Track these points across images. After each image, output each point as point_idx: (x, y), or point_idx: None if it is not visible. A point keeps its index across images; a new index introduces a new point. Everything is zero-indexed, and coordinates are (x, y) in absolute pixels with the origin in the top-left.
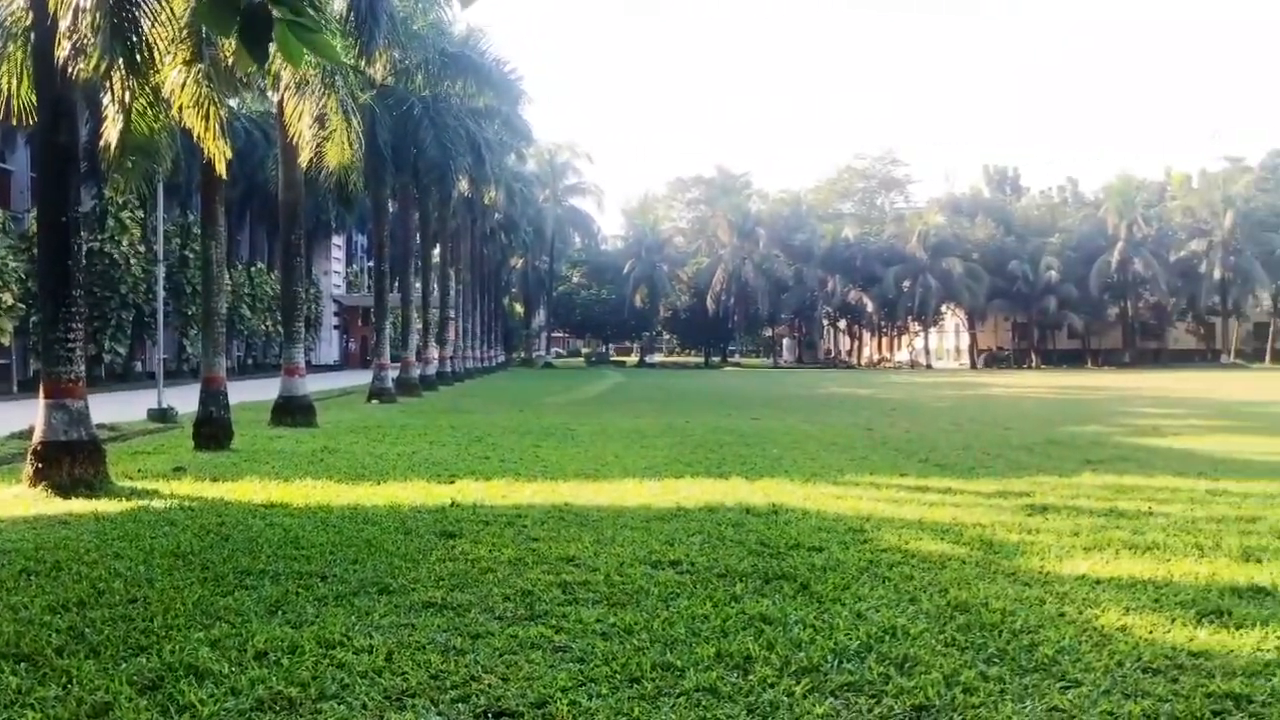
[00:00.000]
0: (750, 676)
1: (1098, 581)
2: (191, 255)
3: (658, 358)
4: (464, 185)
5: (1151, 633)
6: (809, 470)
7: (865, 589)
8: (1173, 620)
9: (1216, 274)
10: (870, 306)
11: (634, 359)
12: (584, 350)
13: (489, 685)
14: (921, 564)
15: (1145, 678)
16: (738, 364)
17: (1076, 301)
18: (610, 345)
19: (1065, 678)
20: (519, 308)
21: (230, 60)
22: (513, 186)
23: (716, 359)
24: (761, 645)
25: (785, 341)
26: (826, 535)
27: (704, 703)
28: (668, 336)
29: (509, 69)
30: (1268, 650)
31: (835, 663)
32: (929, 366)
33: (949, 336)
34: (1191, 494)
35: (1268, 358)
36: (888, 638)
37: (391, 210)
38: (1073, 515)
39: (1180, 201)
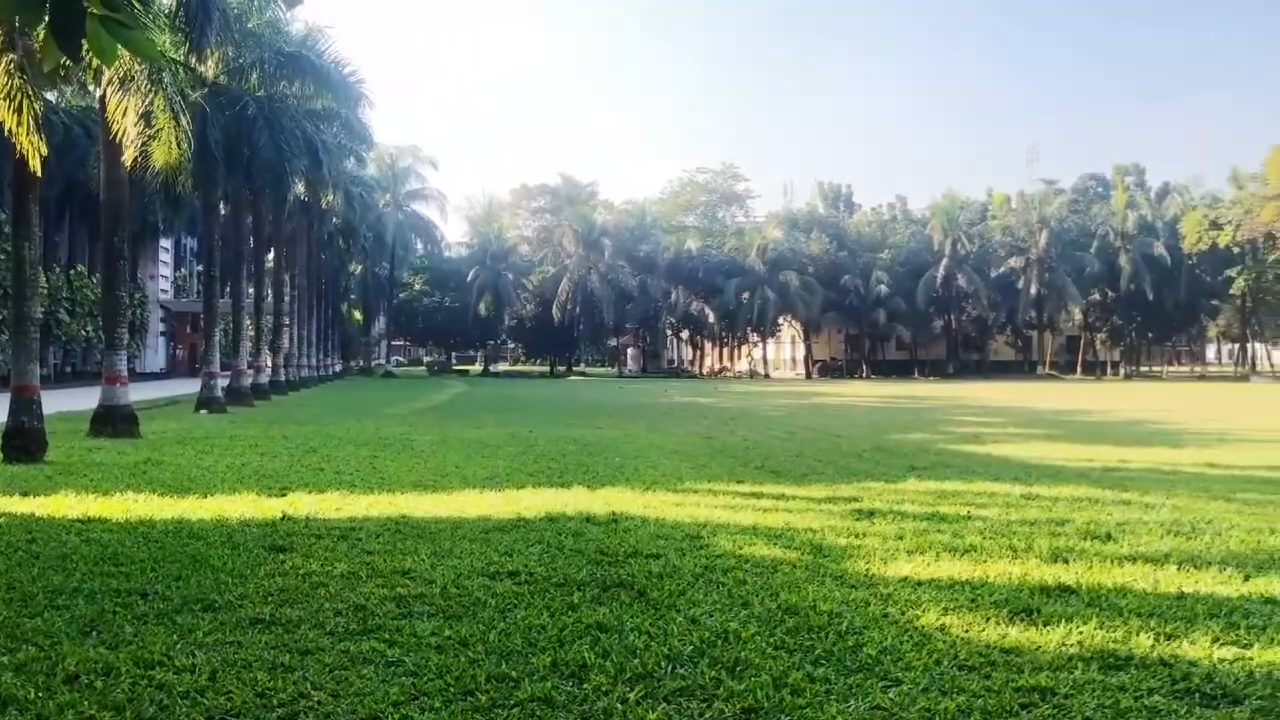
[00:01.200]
0: (585, 685)
1: (919, 583)
2: (2, 256)
3: (502, 366)
4: (301, 188)
5: (968, 631)
6: (650, 478)
7: (700, 594)
8: (987, 619)
9: (1033, 289)
10: (712, 317)
11: (478, 368)
12: (426, 359)
13: (318, 702)
14: (755, 568)
15: (961, 675)
16: (583, 373)
17: (905, 314)
18: (454, 354)
19: (887, 677)
20: (358, 315)
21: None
22: (352, 191)
23: (562, 368)
24: (597, 653)
25: (630, 350)
26: (665, 542)
27: (538, 713)
28: (513, 345)
29: (349, 71)
30: (1071, 646)
31: (669, 668)
32: (767, 376)
33: (786, 347)
34: (1007, 498)
35: (1078, 369)
36: (720, 642)
37: (224, 213)
38: (898, 519)
39: (1000, 221)
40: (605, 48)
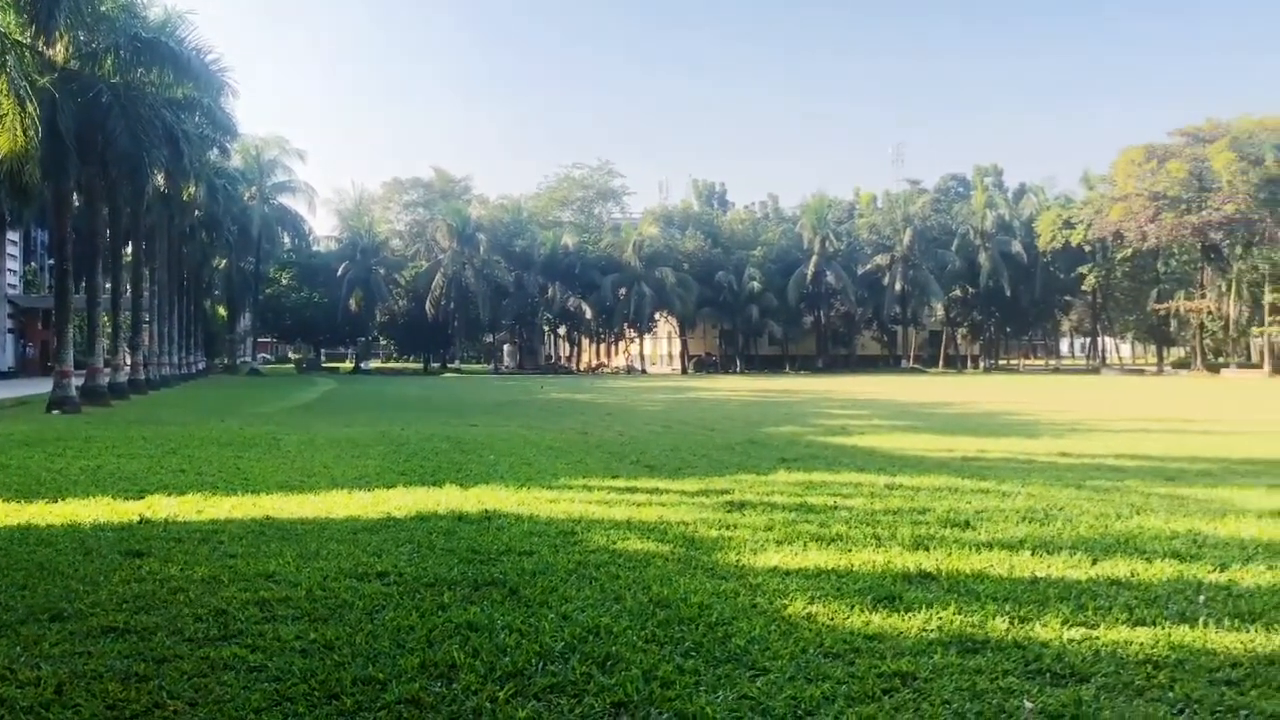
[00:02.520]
0: (455, 685)
1: (788, 572)
2: None
3: (374, 364)
4: (160, 180)
5: (833, 619)
6: (524, 475)
7: (573, 590)
8: (852, 607)
9: (898, 286)
10: (589, 313)
11: (349, 365)
12: (294, 356)
13: (174, 712)
14: (628, 563)
15: (826, 662)
16: (458, 370)
17: (776, 310)
18: (323, 351)
19: (755, 666)
20: (223, 311)
21: None
22: (215, 183)
23: (436, 365)
24: (467, 653)
25: (506, 347)
26: (538, 539)
27: (406, 715)
28: (385, 342)
29: (212, 59)
30: (931, 631)
31: (540, 665)
32: (644, 372)
33: (662, 343)
34: (872, 488)
35: (941, 363)
36: (591, 637)
37: (77, 204)
38: (768, 511)
39: (867, 219)
40: (479, 40)
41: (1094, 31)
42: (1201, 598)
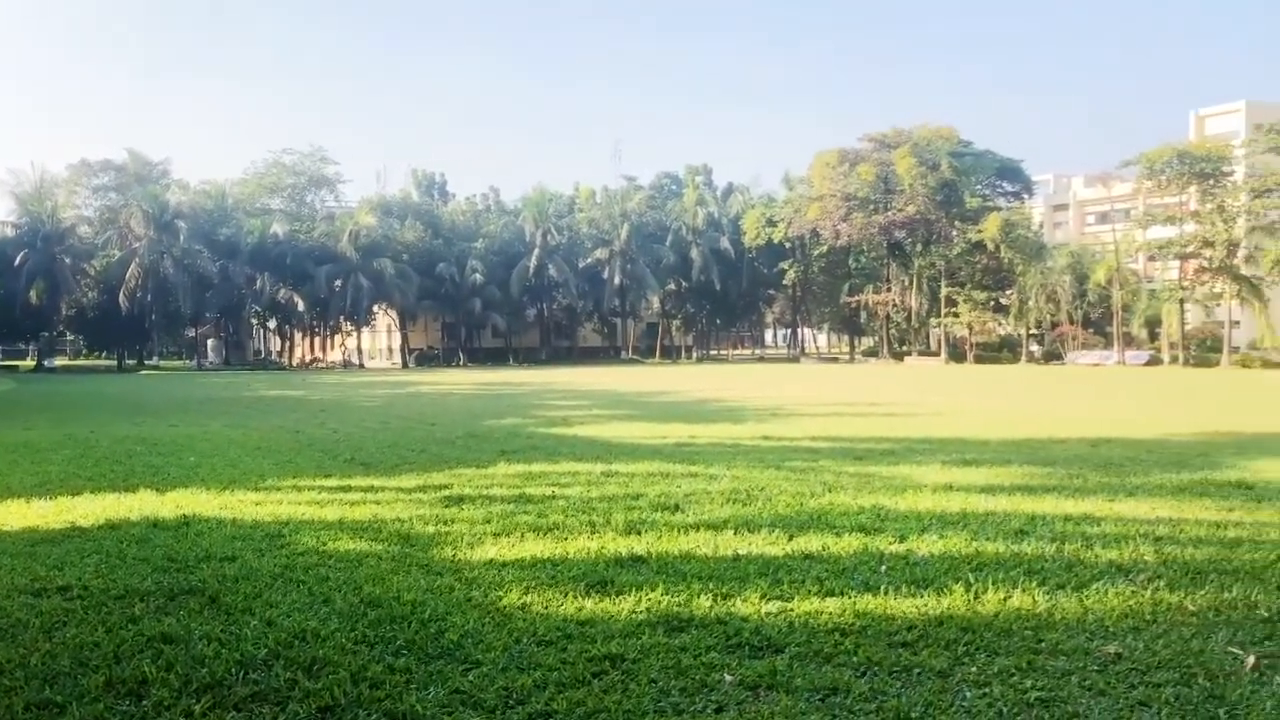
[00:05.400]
0: (145, 702)
1: (504, 564)
2: None
3: (60, 361)
4: None
5: (547, 607)
6: (228, 477)
7: (278, 595)
8: (566, 594)
9: (617, 280)
10: (302, 305)
11: (30, 363)
12: None
13: None
14: (338, 564)
15: (539, 650)
16: (157, 367)
17: (499, 303)
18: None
19: (468, 660)
20: None
21: None
22: None
23: (132, 362)
24: (160, 666)
25: (211, 342)
26: (242, 544)
27: None
28: (73, 338)
29: None
30: (640, 612)
31: (240, 674)
32: (362, 366)
33: (382, 336)
34: (589, 476)
35: (657, 353)
36: (297, 642)
37: None
38: (486, 504)
39: (586, 214)
40: (178, 16)
41: (797, 38)
42: (883, 567)
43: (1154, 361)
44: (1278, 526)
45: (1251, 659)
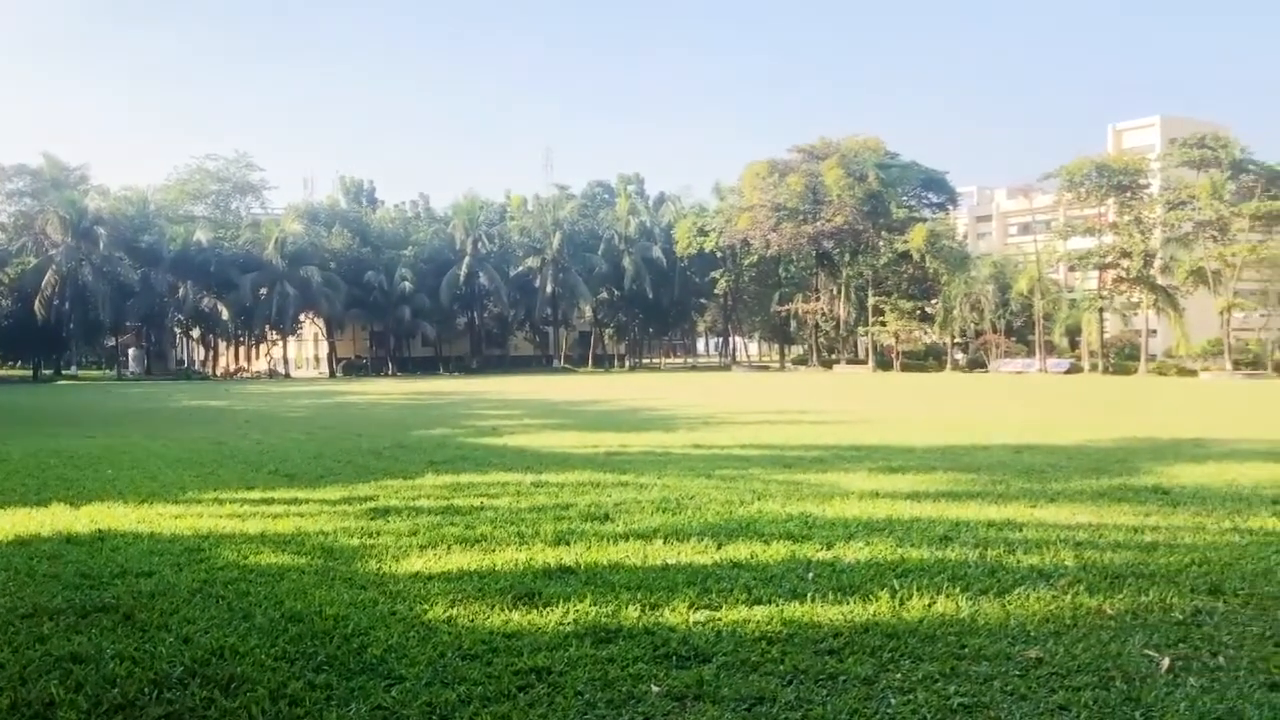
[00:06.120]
0: None
1: (430, 577)
2: None
3: None
4: None
5: (473, 620)
6: (147, 490)
7: (196, 611)
8: (493, 606)
9: (549, 288)
10: (226, 314)
11: None
12: None
13: None
14: (260, 578)
15: (464, 664)
16: (75, 377)
17: (429, 311)
18: None
19: (391, 675)
20: None
21: None
22: None
23: (49, 372)
24: (68, 687)
25: (132, 352)
26: (159, 559)
27: None
28: None
29: None
30: (568, 624)
31: (154, 694)
32: (288, 376)
33: (309, 345)
34: (519, 487)
35: (590, 362)
36: (215, 659)
37: None
38: (413, 516)
39: (518, 222)
40: (97, 15)
41: (726, 49)
42: (810, 575)
43: (1074, 369)
44: (1192, 530)
45: (1166, 661)
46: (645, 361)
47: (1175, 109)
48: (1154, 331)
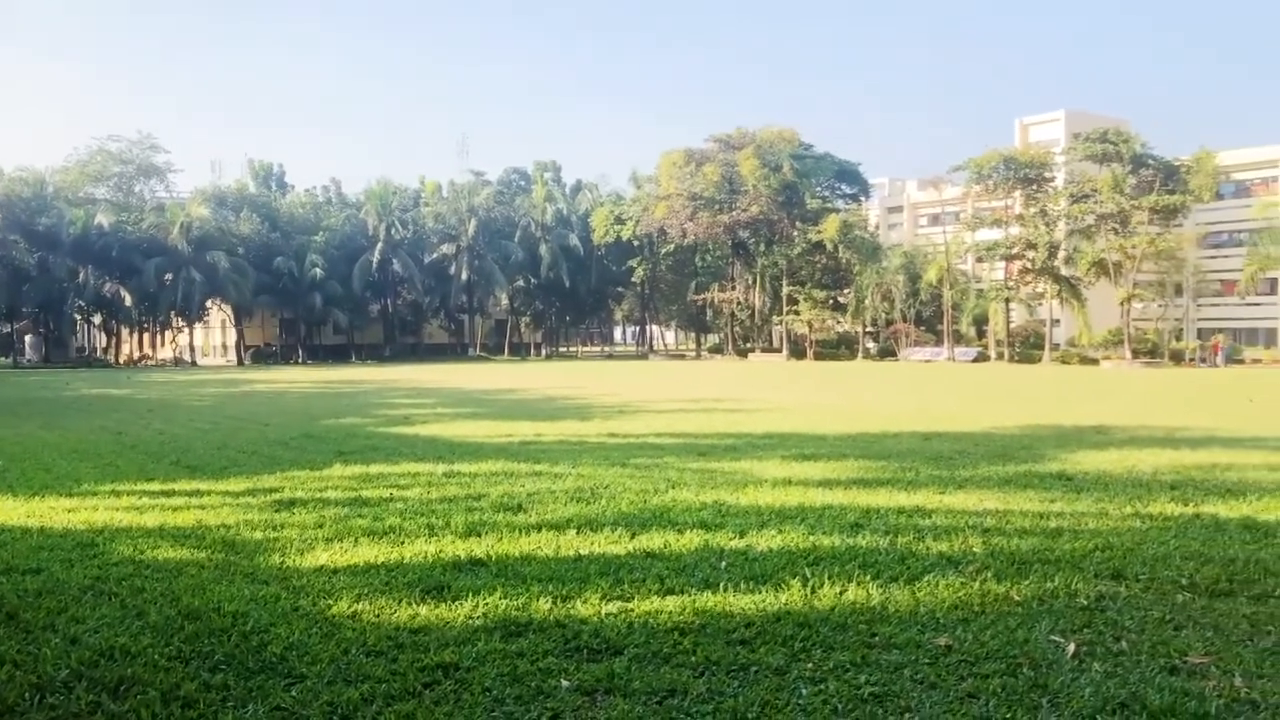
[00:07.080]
0: None
1: (335, 571)
2: None
3: None
4: None
5: (379, 615)
6: (39, 483)
7: (86, 610)
8: (400, 601)
9: (464, 275)
10: (129, 300)
11: None
12: None
13: None
14: (156, 574)
15: (368, 661)
16: None
17: (341, 298)
18: None
19: (292, 674)
20: None
21: None
22: None
23: None
24: None
25: (29, 338)
26: (49, 554)
27: None
28: None
29: None
30: (478, 618)
31: (37, 698)
32: (194, 364)
33: (216, 332)
34: (430, 477)
35: (506, 350)
36: (105, 660)
37: None
38: (319, 507)
39: (432, 208)
40: None
41: (644, 37)
42: (723, 564)
43: (982, 358)
44: (1096, 516)
45: (1072, 646)
46: (562, 350)
47: (1080, 104)
48: (1058, 321)
